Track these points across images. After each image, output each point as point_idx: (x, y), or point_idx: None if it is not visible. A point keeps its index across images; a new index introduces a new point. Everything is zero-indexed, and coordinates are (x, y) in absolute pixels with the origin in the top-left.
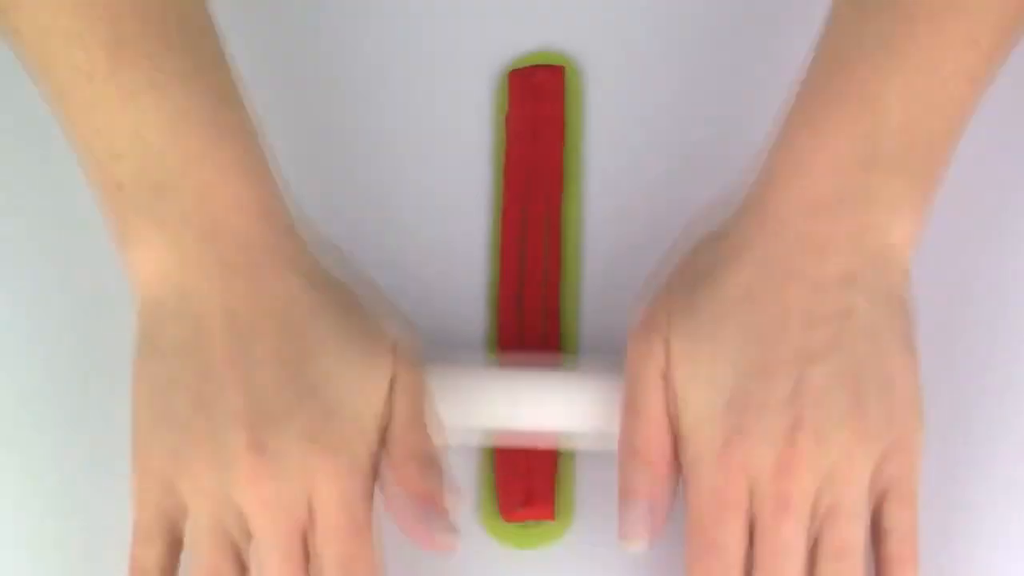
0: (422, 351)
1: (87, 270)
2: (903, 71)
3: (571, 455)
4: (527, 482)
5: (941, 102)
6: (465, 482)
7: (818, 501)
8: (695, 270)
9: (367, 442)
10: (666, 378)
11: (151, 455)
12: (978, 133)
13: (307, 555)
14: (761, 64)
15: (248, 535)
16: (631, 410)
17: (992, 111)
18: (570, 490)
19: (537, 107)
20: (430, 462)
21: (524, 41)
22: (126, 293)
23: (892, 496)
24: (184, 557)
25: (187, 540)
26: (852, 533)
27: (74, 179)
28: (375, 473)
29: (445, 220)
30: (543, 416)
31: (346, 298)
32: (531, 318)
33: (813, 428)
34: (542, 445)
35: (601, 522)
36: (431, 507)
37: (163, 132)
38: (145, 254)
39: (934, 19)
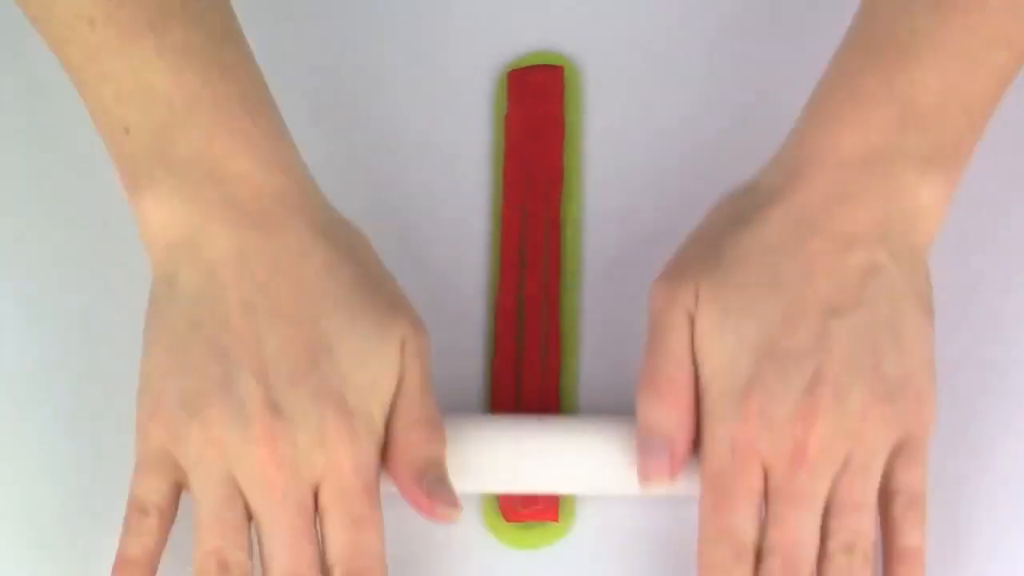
0: (428, 336)
1: (89, 269)
2: (935, 63)
3: None
4: None
5: (970, 96)
6: None
7: (833, 455)
8: (723, 220)
9: (381, 404)
10: (692, 320)
11: (163, 396)
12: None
13: (316, 512)
14: (760, 63)
15: (257, 487)
16: (654, 350)
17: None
18: None
19: (536, 107)
20: (436, 428)
21: (523, 41)
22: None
23: (902, 457)
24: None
25: (194, 487)
26: (864, 489)
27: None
28: (385, 435)
29: (445, 220)
30: (544, 476)
31: (359, 258)
32: (531, 317)
33: (833, 381)
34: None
35: (603, 523)
36: (435, 474)
37: (165, 73)
38: (155, 198)
39: (969, 15)
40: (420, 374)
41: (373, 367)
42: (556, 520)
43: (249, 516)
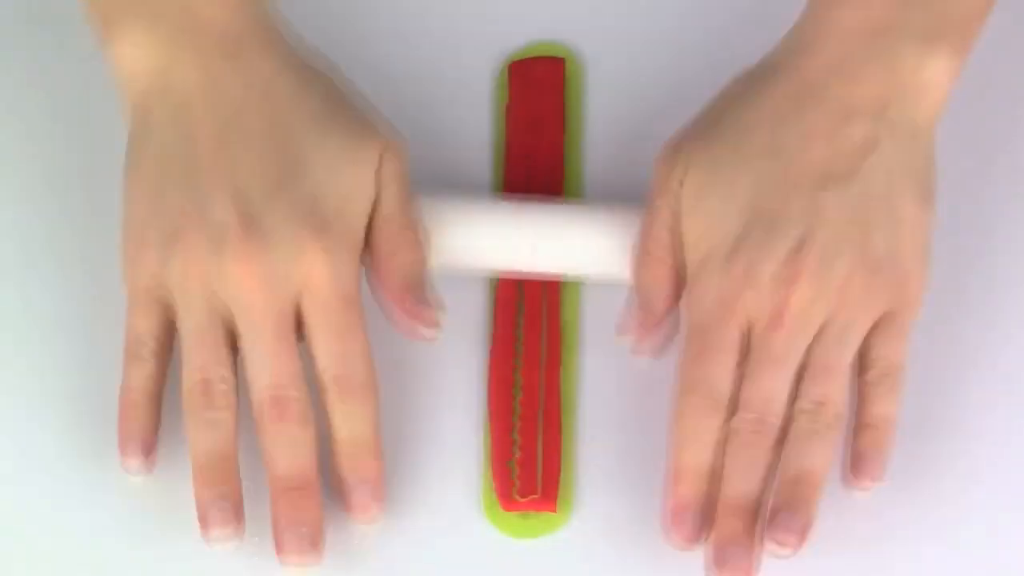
0: (407, 147)
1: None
2: None
3: (574, 447)
4: (529, 472)
5: None
6: (467, 470)
7: (812, 319)
8: (726, 99)
9: (358, 216)
10: (683, 184)
11: (144, 237)
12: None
13: (299, 331)
14: (760, 54)
15: (237, 306)
16: (647, 214)
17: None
18: (571, 481)
19: (538, 99)
20: (417, 238)
21: (525, 33)
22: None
23: (882, 332)
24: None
25: (180, 315)
26: (838, 355)
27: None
28: (361, 253)
29: None
30: (551, 255)
31: (330, 82)
32: (531, 307)
33: (819, 246)
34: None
35: (601, 513)
36: (415, 300)
37: None
38: (127, 47)
39: None
40: (399, 185)
41: (348, 181)
42: (554, 510)
43: (234, 343)
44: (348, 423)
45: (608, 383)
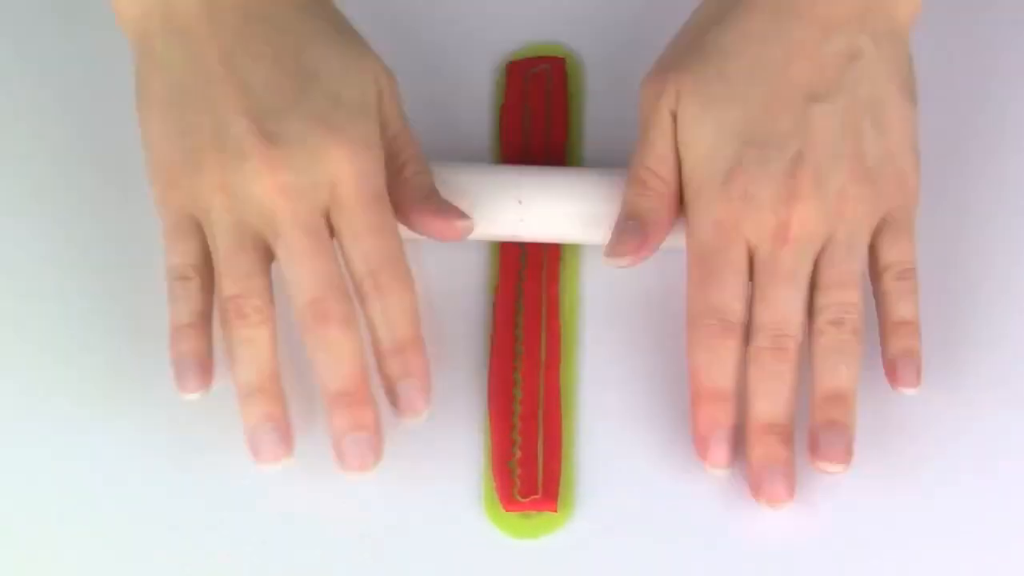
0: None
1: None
2: None
3: (574, 447)
4: (530, 472)
5: None
6: (468, 471)
7: (815, 234)
8: (707, 19)
9: (373, 122)
10: (675, 116)
11: (170, 164)
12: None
13: (331, 233)
14: None
15: (267, 220)
16: (639, 146)
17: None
18: (572, 481)
19: (536, 99)
20: (424, 162)
21: (524, 33)
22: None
23: (887, 234)
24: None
25: (210, 237)
26: (847, 266)
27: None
28: (382, 153)
29: None
30: (548, 218)
31: (329, 6)
32: (531, 307)
33: (814, 163)
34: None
35: (602, 514)
36: (440, 201)
37: None
38: None
39: None
40: (400, 112)
41: (358, 88)
42: (555, 510)
43: (269, 259)
44: (387, 320)
45: (608, 383)
